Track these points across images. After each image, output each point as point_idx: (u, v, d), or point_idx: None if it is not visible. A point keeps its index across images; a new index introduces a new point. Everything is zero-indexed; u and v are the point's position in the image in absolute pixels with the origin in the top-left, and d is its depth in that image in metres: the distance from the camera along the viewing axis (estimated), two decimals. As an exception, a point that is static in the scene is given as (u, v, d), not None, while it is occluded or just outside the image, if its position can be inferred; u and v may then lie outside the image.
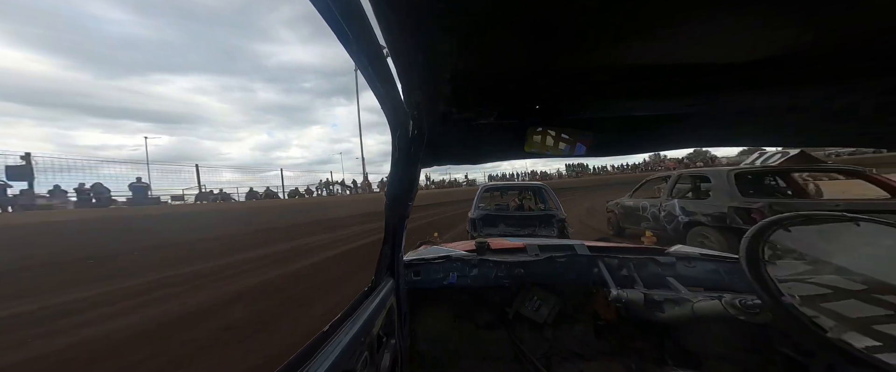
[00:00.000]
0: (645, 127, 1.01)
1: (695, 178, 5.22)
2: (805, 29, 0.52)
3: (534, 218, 5.21)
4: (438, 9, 0.47)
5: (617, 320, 1.50)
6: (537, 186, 6.17)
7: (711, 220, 4.26)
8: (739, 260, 0.95)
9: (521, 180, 27.91)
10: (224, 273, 5.21)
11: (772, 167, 5.75)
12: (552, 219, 4.97)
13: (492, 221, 5.23)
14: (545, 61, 0.64)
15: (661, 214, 5.31)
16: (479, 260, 1.65)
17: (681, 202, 4.95)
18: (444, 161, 1.26)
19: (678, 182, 5.47)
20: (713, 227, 4.24)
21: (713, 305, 1.15)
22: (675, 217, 4.94)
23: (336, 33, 0.50)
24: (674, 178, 5.50)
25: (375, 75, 0.63)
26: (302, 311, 3.47)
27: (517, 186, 7.66)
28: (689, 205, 4.78)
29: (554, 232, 4.85)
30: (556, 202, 5.17)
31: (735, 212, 3.90)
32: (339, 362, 0.71)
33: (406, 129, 0.87)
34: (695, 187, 5.27)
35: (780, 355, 1.19)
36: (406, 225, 1.25)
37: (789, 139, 1.12)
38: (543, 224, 5.08)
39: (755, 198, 3.99)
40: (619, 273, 1.55)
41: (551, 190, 5.50)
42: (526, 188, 7.48)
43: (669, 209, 5.11)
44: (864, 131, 0.97)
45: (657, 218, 5.43)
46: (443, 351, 1.68)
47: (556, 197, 5.30)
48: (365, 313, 0.94)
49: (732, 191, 4.10)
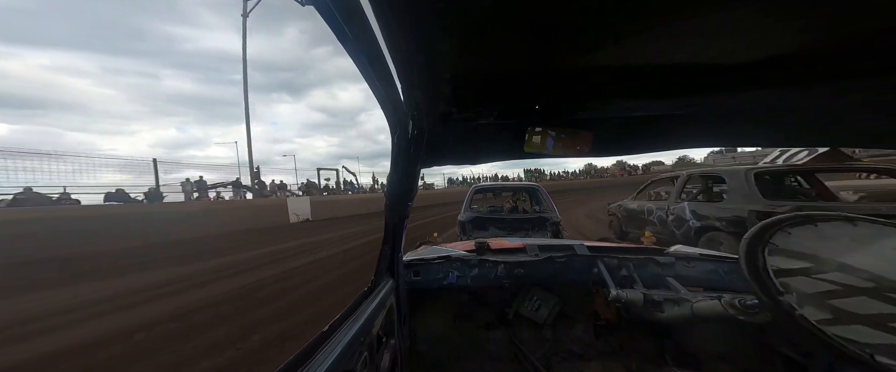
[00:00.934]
0: (645, 127, 1.01)
1: (706, 178, 4.88)
2: (805, 29, 0.52)
3: (526, 221, 4.99)
4: (438, 9, 0.47)
5: (617, 320, 1.50)
6: (531, 187, 5.93)
7: (727, 224, 3.85)
8: (739, 260, 0.95)
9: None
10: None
11: (798, 167, 5.09)
12: (545, 222, 4.76)
13: (481, 224, 5.04)
14: (545, 61, 0.64)
15: (669, 217, 4.90)
16: (478, 260, 1.65)
17: (691, 205, 4.55)
18: (444, 161, 1.26)
19: (687, 183, 5.11)
20: (730, 232, 3.81)
21: (713, 305, 1.15)
22: (686, 221, 4.51)
23: (336, 33, 0.50)
24: (682, 178, 5.12)
25: (375, 75, 0.63)
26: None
27: (510, 186, 7.21)
28: (700, 208, 4.38)
29: (548, 235, 4.60)
30: (549, 204, 5.01)
31: (757, 216, 3.45)
32: (338, 362, 0.71)
33: (406, 129, 0.87)
34: (706, 189, 4.93)
35: (779, 355, 1.19)
36: (406, 225, 1.25)
37: (789, 139, 1.12)
38: (536, 227, 4.85)
39: (779, 200, 3.59)
40: (619, 273, 1.55)
41: (545, 191, 5.29)
42: (519, 189, 7.06)
43: (679, 213, 4.70)
44: (864, 131, 0.97)
45: (664, 222, 5.02)
46: (442, 351, 1.68)
47: (551, 199, 5.10)
48: (365, 313, 0.94)
49: (752, 193, 3.70)
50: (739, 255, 0.95)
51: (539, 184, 5.87)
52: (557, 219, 4.68)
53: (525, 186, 6.33)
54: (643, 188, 6.45)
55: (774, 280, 0.87)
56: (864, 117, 0.87)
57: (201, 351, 2.77)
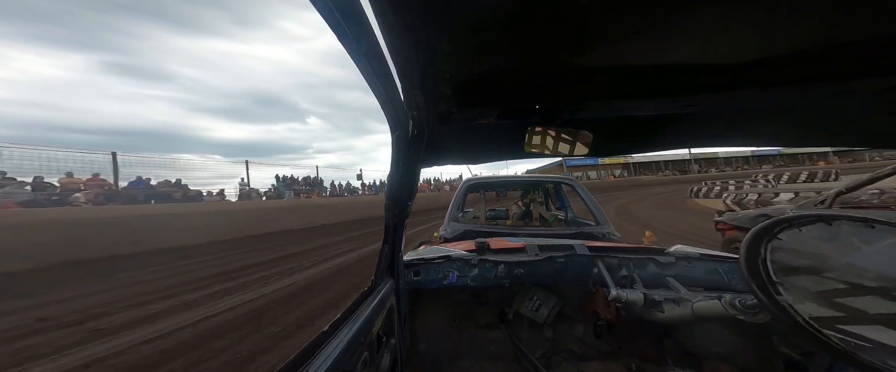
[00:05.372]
0: (645, 127, 1.01)
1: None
2: (805, 29, 0.52)
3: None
4: (438, 9, 0.47)
5: (617, 320, 1.50)
6: (557, 182, 3.77)
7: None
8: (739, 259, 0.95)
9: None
10: None
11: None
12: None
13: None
14: (545, 61, 0.64)
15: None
16: (478, 260, 1.65)
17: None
18: (444, 161, 1.26)
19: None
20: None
21: (713, 305, 1.15)
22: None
23: (336, 33, 0.50)
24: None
25: (375, 75, 0.63)
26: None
27: (521, 182, 4.28)
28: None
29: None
30: (596, 211, 2.94)
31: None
32: (339, 362, 0.71)
33: (406, 129, 0.87)
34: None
35: (779, 355, 1.19)
36: (405, 225, 1.25)
37: (789, 139, 1.12)
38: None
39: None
40: (619, 273, 1.55)
41: (585, 190, 3.14)
42: (536, 185, 4.18)
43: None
44: (865, 131, 0.97)
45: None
46: (442, 351, 1.68)
47: (595, 201, 3.02)
48: (365, 313, 0.94)
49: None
50: (740, 252, 0.95)
51: (573, 178, 3.60)
52: (617, 236, 2.77)
53: (545, 180, 3.98)
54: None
55: (773, 276, 0.87)
56: (865, 117, 0.87)
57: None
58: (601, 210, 2.96)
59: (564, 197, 4.03)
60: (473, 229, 2.97)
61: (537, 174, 11.83)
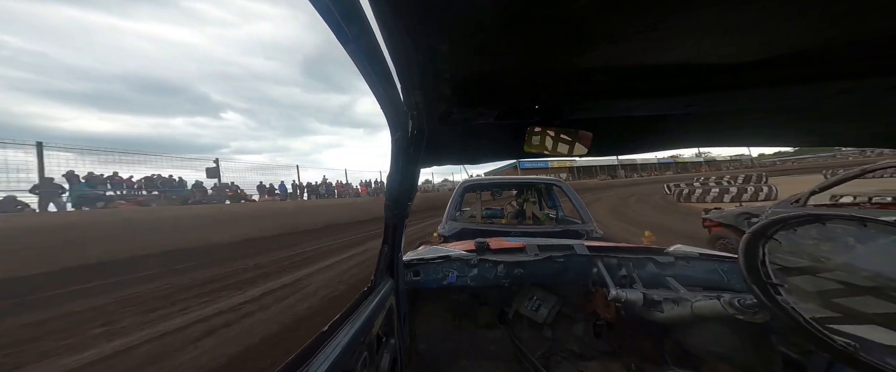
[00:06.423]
0: (645, 127, 1.01)
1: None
2: (805, 29, 0.52)
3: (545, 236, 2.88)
4: (438, 9, 0.47)
5: (616, 320, 1.50)
6: (548, 184, 4.13)
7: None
8: (738, 258, 0.95)
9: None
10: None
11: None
12: (579, 238, 2.81)
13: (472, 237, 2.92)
14: (545, 61, 0.64)
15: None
16: (478, 260, 1.65)
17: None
18: (444, 161, 1.26)
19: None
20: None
21: (712, 305, 1.15)
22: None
23: (335, 33, 0.50)
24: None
25: (375, 75, 0.63)
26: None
27: (515, 183, 4.60)
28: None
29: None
30: (581, 210, 3.23)
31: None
32: (338, 362, 0.71)
33: (406, 129, 0.87)
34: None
35: (779, 355, 1.19)
36: (405, 225, 1.25)
37: (789, 139, 1.12)
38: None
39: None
40: (619, 273, 1.55)
41: (571, 189, 3.49)
42: (529, 187, 4.37)
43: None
44: (865, 131, 0.97)
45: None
46: (442, 351, 1.68)
47: (581, 200, 3.33)
48: (364, 313, 0.94)
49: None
50: (739, 251, 0.95)
51: (560, 179, 4.10)
52: (600, 233, 3.02)
53: (537, 181, 4.18)
54: (833, 183, 3.47)
55: (772, 276, 0.87)
56: (865, 117, 0.87)
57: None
58: (586, 210, 3.24)
59: (556, 197, 4.35)
60: (470, 228, 3.18)
61: (526, 175, 12.03)
